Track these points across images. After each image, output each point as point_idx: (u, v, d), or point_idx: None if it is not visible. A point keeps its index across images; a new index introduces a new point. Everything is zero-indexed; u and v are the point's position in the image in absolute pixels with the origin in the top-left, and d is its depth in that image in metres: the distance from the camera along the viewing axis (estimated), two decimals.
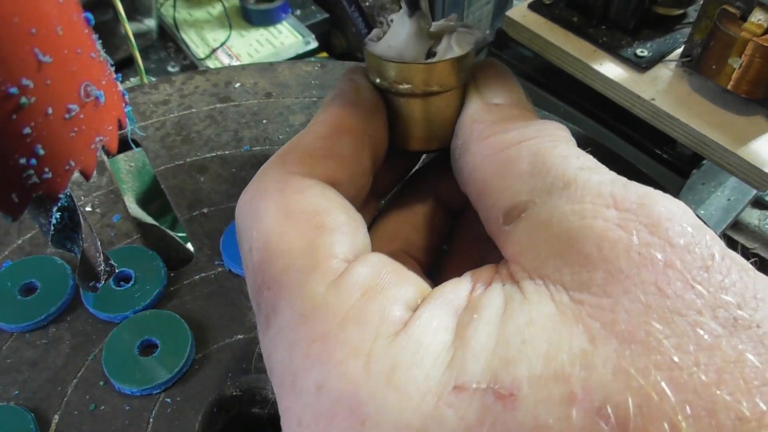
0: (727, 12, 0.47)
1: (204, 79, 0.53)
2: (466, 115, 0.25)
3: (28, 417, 0.34)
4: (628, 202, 0.19)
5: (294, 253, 0.20)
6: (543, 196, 0.20)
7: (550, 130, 0.23)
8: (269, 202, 0.22)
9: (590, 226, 0.18)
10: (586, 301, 0.17)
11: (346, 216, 0.22)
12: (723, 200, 0.67)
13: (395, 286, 0.20)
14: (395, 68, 0.25)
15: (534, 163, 0.21)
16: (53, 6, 0.16)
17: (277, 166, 0.23)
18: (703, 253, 0.17)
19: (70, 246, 0.23)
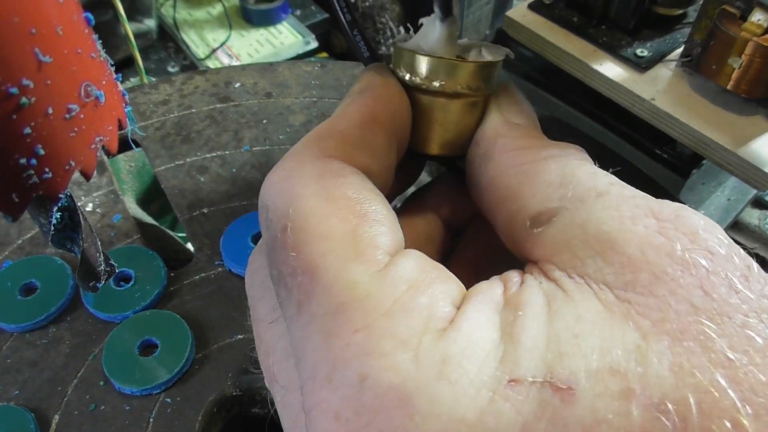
0: (727, 12, 0.47)
1: (204, 79, 0.53)
2: (488, 128, 0.25)
3: (29, 417, 0.34)
4: (665, 213, 0.19)
5: (335, 239, 0.19)
6: (575, 203, 0.20)
7: (573, 150, 0.23)
8: (309, 182, 0.21)
9: (631, 231, 0.19)
10: (632, 299, 0.17)
11: (386, 209, 0.21)
12: (723, 200, 0.67)
13: (441, 283, 0.20)
14: (429, 62, 0.25)
15: (563, 175, 0.22)
16: (53, 6, 0.16)
17: (315, 148, 0.22)
18: (741, 263, 0.18)
19: (70, 246, 0.23)
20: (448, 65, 0.25)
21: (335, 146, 0.22)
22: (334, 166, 0.22)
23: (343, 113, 0.24)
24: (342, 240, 0.20)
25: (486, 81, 0.26)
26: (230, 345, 0.38)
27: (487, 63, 0.26)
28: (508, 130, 0.25)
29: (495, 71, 0.26)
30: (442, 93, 0.25)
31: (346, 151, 0.22)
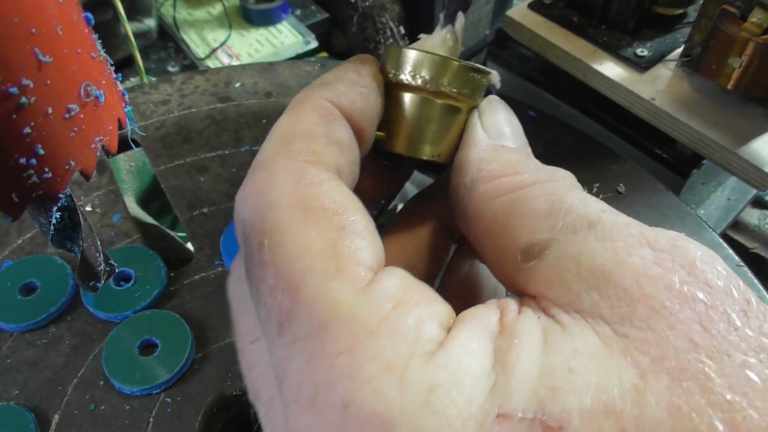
0: (727, 12, 0.47)
1: (204, 79, 0.53)
2: (473, 153, 0.24)
3: (29, 417, 0.34)
4: (661, 243, 0.18)
5: (314, 255, 0.18)
6: (566, 234, 0.20)
7: (561, 174, 0.22)
8: (284, 193, 0.20)
9: (626, 262, 0.18)
10: (631, 334, 0.17)
11: (365, 219, 0.20)
12: (723, 200, 0.67)
13: (429, 303, 0.19)
14: (414, 57, 0.25)
15: (551, 203, 0.21)
16: (53, 6, 0.16)
17: (284, 154, 0.21)
18: (740, 297, 0.17)
19: (70, 246, 0.23)
20: (432, 61, 0.25)
21: (304, 148, 0.21)
22: (308, 173, 0.20)
23: (301, 108, 0.23)
24: (321, 255, 0.18)
25: (470, 87, 0.26)
26: (230, 345, 0.38)
27: (472, 66, 0.26)
28: (492, 153, 0.24)
29: (480, 81, 0.26)
30: (425, 90, 0.25)
31: (315, 151, 0.21)
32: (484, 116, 0.25)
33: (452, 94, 0.25)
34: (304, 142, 0.21)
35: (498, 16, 0.91)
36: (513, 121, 0.26)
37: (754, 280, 0.40)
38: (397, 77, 0.25)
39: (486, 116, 0.25)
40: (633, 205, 0.44)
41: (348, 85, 0.24)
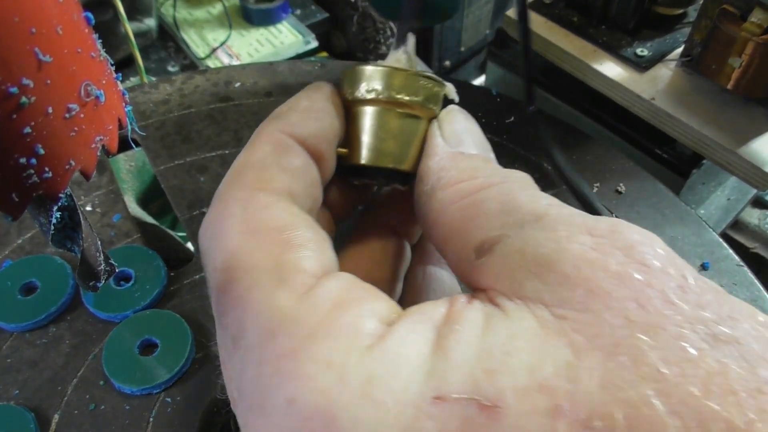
0: (727, 12, 0.47)
1: (204, 78, 0.53)
2: (432, 162, 0.25)
3: (29, 417, 0.34)
4: (600, 230, 0.19)
5: (260, 270, 0.20)
6: (515, 229, 0.20)
7: (516, 176, 0.23)
8: (233, 220, 0.21)
9: (567, 249, 0.19)
10: (568, 315, 0.17)
11: (312, 232, 0.21)
12: (723, 200, 0.67)
13: (368, 300, 0.19)
14: (365, 71, 0.26)
15: (503, 202, 0.21)
16: (53, 6, 0.16)
17: (236, 184, 0.23)
18: (677, 274, 0.18)
19: (70, 245, 0.23)
20: (382, 72, 0.26)
21: (254, 177, 0.23)
22: (256, 198, 0.22)
23: (255, 142, 0.24)
24: (267, 270, 0.20)
25: (423, 95, 0.26)
26: None
27: (422, 74, 0.26)
28: (451, 161, 0.24)
29: (432, 89, 0.27)
30: (379, 101, 0.26)
31: (264, 178, 0.23)
32: (443, 125, 0.26)
33: (406, 102, 0.26)
34: (254, 172, 0.23)
35: (498, 16, 0.91)
36: (472, 127, 0.26)
37: (754, 280, 0.40)
38: (352, 95, 0.26)
39: (445, 125, 0.26)
40: (633, 205, 0.44)
41: (300, 112, 0.25)
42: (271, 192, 0.22)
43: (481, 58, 0.96)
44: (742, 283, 0.39)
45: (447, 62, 0.91)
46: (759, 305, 0.38)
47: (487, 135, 0.27)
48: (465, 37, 0.90)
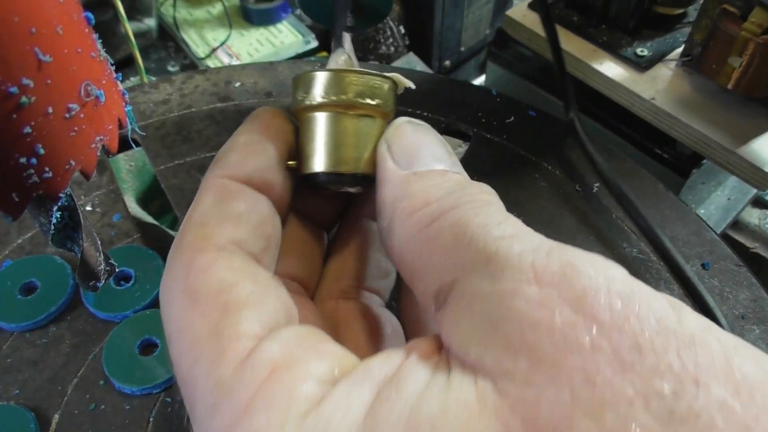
0: (727, 11, 0.47)
1: (204, 78, 0.53)
2: (386, 192, 0.23)
3: (29, 416, 0.34)
4: (549, 275, 0.17)
5: (201, 342, 0.20)
6: (466, 274, 0.19)
7: (470, 195, 0.21)
8: (176, 289, 0.21)
9: (511, 309, 0.17)
10: (509, 391, 0.16)
11: (254, 286, 0.21)
12: (723, 200, 0.67)
13: (307, 361, 0.19)
14: (307, 78, 0.26)
15: (456, 234, 0.20)
16: (53, 6, 0.16)
17: (179, 247, 0.22)
18: (634, 329, 0.15)
19: (71, 245, 0.23)
20: (326, 76, 0.25)
21: (194, 236, 0.22)
22: (197, 261, 0.21)
23: (199, 194, 0.24)
24: (207, 342, 0.20)
25: (370, 93, 0.25)
26: None
27: (366, 72, 0.25)
28: (403, 187, 0.23)
29: (374, 83, 0.25)
30: (321, 105, 0.25)
31: (204, 235, 0.22)
32: (392, 145, 0.25)
33: (354, 103, 0.25)
34: (195, 230, 0.23)
35: (498, 16, 0.91)
36: (424, 137, 0.24)
37: (754, 280, 0.40)
38: (300, 103, 0.26)
39: (394, 144, 0.25)
40: (633, 205, 0.44)
41: (238, 151, 0.25)
42: (210, 250, 0.22)
43: (481, 58, 0.96)
44: (741, 283, 0.39)
45: (447, 62, 0.91)
46: (759, 305, 0.38)
47: (487, 135, 0.26)
48: (465, 37, 0.90)
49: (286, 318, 0.21)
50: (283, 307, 0.21)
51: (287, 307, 0.22)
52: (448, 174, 0.23)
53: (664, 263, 0.40)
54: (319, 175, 0.26)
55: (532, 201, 0.44)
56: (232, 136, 0.26)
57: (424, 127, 0.25)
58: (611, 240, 0.42)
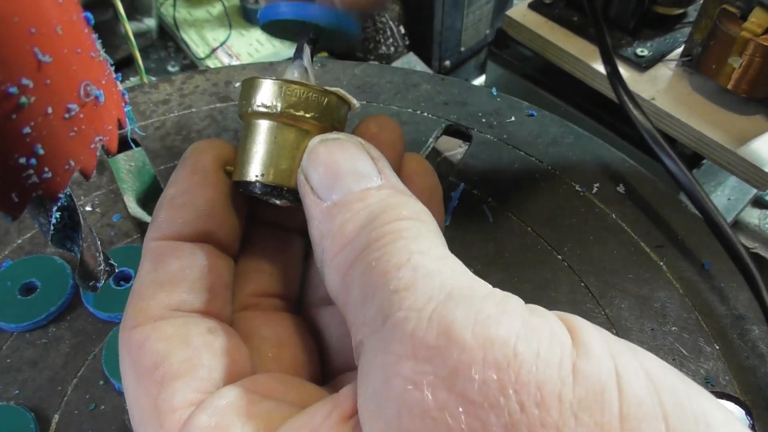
0: (727, 11, 0.47)
1: (204, 78, 0.53)
2: (313, 230, 0.23)
3: (28, 416, 0.34)
4: (424, 349, 0.16)
5: (145, 419, 0.21)
6: (369, 335, 0.18)
7: (382, 228, 0.20)
8: (125, 366, 0.22)
9: (391, 387, 0.16)
10: None
11: (185, 352, 0.21)
12: (723, 200, 0.67)
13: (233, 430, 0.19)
14: (256, 84, 0.25)
15: (363, 285, 0.19)
16: (53, 6, 0.16)
17: (122, 326, 0.23)
18: (508, 406, 0.14)
19: (70, 245, 0.23)
20: (275, 86, 0.25)
21: (132, 311, 0.23)
22: (134, 338, 0.22)
23: (141, 261, 0.24)
24: (149, 418, 0.21)
25: (315, 109, 0.25)
26: None
27: (316, 88, 0.25)
28: (327, 222, 0.22)
29: (329, 103, 0.25)
30: (268, 115, 0.25)
31: (140, 309, 0.23)
32: (308, 175, 0.24)
33: (297, 116, 0.25)
34: (133, 303, 0.23)
35: (498, 16, 0.91)
36: (339, 157, 0.23)
37: None
38: (244, 107, 0.26)
39: (310, 174, 0.24)
40: (633, 205, 0.44)
41: (167, 207, 0.25)
42: (147, 323, 0.22)
43: (481, 58, 0.96)
44: (742, 283, 0.39)
45: (447, 62, 0.91)
46: (759, 305, 0.38)
47: (487, 135, 0.26)
48: (465, 37, 0.90)
49: (225, 371, 0.22)
50: (217, 361, 0.22)
51: (225, 357, 0.22)
52: (368, 196, 0.22)
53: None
54: (241, 184, 0.26)
55: (532, 201, 0.44)
56: (164, 190, 0.26)
57: (339, 142, 0.24)
58: (611, 240, 0.42)
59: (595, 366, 0.14)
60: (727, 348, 0.36)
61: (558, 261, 0.41)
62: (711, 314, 0.38)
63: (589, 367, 0.14)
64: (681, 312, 0.38)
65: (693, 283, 0.39)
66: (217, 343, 0.22)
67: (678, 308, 0.38)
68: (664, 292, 0.39)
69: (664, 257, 0.41)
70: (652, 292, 0.39)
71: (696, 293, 0.39)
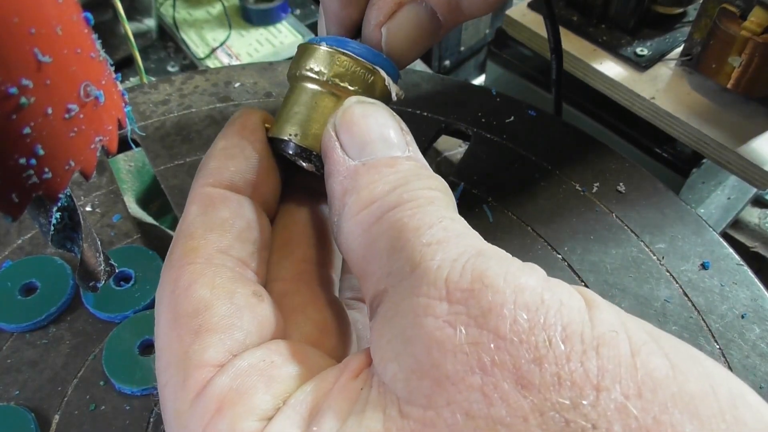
0: (727, 11, 0.47)
1: (204, 78, 0.53)
2: (335, 184, 0.23)
3: (29, 417, 0.34)
4: (459, 291, 0.17)
5: (172, 366, 0.21)
6: (395, 283, 0.19)
7: (413, 192, 0.21)
8: (163, 304, 0.22)
9: (422, 326, 0.17)
10: (412, 414, 0.16)
11: (228, 307, 0.21)
12: (723, 199, 0.67)
13: (251, 396, 0.19)
14: (308, 50, 0.26)
15: (391, 239, 0.20)
16: (53, 6, 0.16)
17: (168, 261, 0.23)
18: (537, 341, 0.15)
19: (70, 246, 0.23)
20: (327, 54, 0.26)
21: (182, 249, 0.23)
22: (182, 279, 0.22)
23: (186, 205, 0.25)
24: (177, 366, 0.21)
25: (348, 78, 0.25)
26: None
27: (365, 64, 0.26)
28: (352, 179, 0.22)
29: (363, 76, 0.26)
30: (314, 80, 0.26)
31: (191, 248, 0.23)
32: (341, 132, 0.24)
33: (340, 86, 0.25)
34: (182, 242, 0.23)
35: (498, 16, 0.91)
36: (373, 121, 0.24)
37: (754, 279, 0.40)
38: (294, 70, 0.27)
39: (342, 132, 0.24)
40: (633, 204, 0.44)
41: (217, 157, 0.26)
42: (195, 264, 0.22)
43: (481, 57, 0.96)
44: (742, 283, 0.39)
45: (447, 62, 0.91)
46: (759, 304, 0.38)
47: (487, 135, 0.26)
48: (465, 36, 0.90)
49: (258, 338, 0.22)
50: (256, 327, 0.22)
51: (262, 325, 0.22)
52: (397, 163, 0.22)
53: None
54: (275, 141, 0.26)
55: (532, 201, 0.44)
56: (213, 143, 0.27)
57: (374, 107, 0.24)
58: (611, 240, 0.42)
59: (606, 315, 0.16)
60: (728, 347, 0.36)
61: (558, 261, 0.41)
62: (711, 313, 0.38)
63: (601, 316, 0.16)
64: (681, 311, 0.38)
65: (693, 282, 0.39)
66: (259, 308, 0.22)
67: (678, 308, 0.38)
68: (664, 292, 0.39)
69: (664, 257, 0.41)
70: (652, 292, 0.39)
71: (696, 293, 0.39)
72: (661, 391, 0.14)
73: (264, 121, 0.27)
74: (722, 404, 0.14)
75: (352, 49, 0.26)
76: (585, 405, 0.14)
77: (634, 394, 0.14)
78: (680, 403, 0.14)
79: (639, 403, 0.14)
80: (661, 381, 0.15)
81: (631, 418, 0.14)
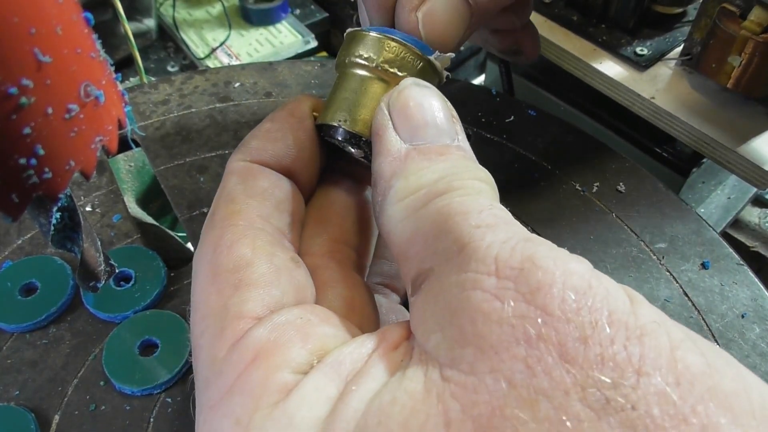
0: (727, 10, 0.47)
1: (204, 78, 0.53)
2: (384, 164, 0.23)
3: (29, 417, 0.34)
4: (508, 269, 0.17)
5: (210, 316, 0.21)
6: (441, 262, 0.19)
7: (462, 181, 0.21)
8: (204, 261, 0.23)
9: (468, 299, 0.17)
10: (453, 378, 0.16)
11: (268, 266, 0.22)
12: (723, 199, 0.67)
13: (288, 348, 0.20)
14: (358, 37, 0.26)
15: (438, 223, 0.20)
16: (53, 6, 0.16)
17: (210, 222, 0.24)
18: (583, 321, 0.16)
19: (70, 246, 0.23)
20: (377, 41, 0.26)
21: (223, 212, 0.24)
22: (223, 239, 0.23)
23: (225, 175, 0.25)
24: (215, 317, 0.21)
25: (397, 64, 0.26)
26: None
27: (414, 51, 0.26)
28: (402, 163, 0.22)
29: (412, 63, 0.26)
30: (364, 67, 0.26)
31: (233, 211, 0.24)
32: (395, 114, 0.24)
33: (390, 73, 0.26)
34: (224, 206, 0.24)
35: None
36: (428, 106, 0.24)
37: (755, 278, 0.40)
38: (343, 57, 0.27)
39: (396, 113, 0.24)
40: (633, 204, 0.44)
41: (260, 138, 0.26)
42: (237, 225, 0.23)
43: (480, 57, 0.96)
44: (742, 282, 0.39)
45: None
46: (759, 304, 0.38)
47: (487, 135, 0.26)
48: None
49: (294, 300, 0.22)
50: (293, 289, 0.22)
51: (298, 289, 0.23)
52: (448, 151, 0.23)
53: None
54: (324, 127, 0.27)
55: (532, 201, 0.44)
56: (259, 124, 0.27)
57: (430, 92, 0.24)
58: (611, 240, 0.42)
59: (647, 310, 0.17)
60: (728, 347, 0.36)
61: None
62: (711, 313, 0.38)
63: (643, 310, 0.16)
64: (681, 311, 0.38)
65: (693, 282, 0.39)
66: (296, 273, 0.23)
67: (678, 307, 0.38)
68: (664, 292, 0.39)
69: (664, 257, 0.41)
70: (652, 292, 0.39)
71: (696, 292, 0.39)
72: (698, 384, 0.15)
73: (313, 109, 0.27)
74: (754, 403, 0.15)
75: (401, 36, 0.26)
76: (626, 386, 0.15)
77: (673, 382, 0.15)
78: (715, 397, 0.15)
79: (678, 390, 0.15)
80: (698, 375, 0.15)
81: (670, 404, 0.14)
